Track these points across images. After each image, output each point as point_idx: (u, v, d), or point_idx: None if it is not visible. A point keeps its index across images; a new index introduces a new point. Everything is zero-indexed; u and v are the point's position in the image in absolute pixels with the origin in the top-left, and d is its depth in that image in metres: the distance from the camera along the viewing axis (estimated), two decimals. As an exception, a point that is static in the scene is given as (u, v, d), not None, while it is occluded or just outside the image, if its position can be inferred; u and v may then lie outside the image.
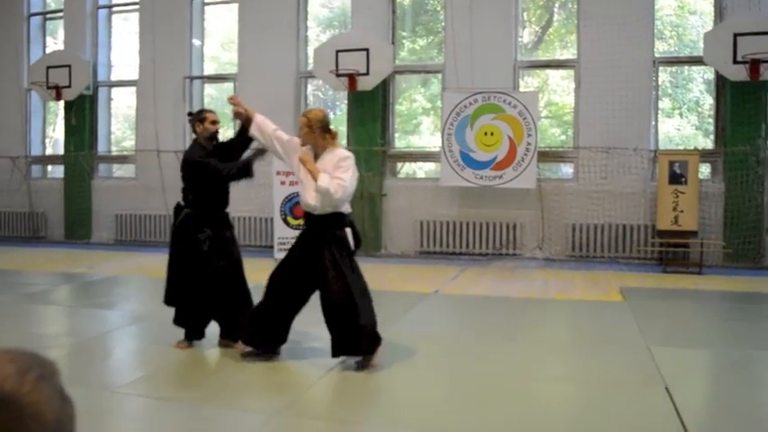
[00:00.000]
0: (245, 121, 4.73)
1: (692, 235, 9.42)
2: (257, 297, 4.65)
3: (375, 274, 8.83)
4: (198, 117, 4.83)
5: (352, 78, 10.44)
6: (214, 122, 4.80)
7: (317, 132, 4.36)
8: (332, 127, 4.46)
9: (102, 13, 12.96)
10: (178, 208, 4.83)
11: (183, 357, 4.67)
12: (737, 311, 6.58)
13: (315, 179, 4.25)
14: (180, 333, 4.91)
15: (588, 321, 6.06)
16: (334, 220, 4.39)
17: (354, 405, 3.81)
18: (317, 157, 4.40)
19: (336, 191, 4.24)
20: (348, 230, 4.45)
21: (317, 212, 4.37)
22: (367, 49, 10.45)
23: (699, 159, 9.48)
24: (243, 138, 4.76)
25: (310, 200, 4.35)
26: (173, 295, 4.81)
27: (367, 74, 10.42)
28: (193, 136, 4.89)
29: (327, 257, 4.30)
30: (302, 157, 4.32)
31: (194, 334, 4.85)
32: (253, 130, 4.61)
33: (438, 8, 11.48)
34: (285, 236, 9.84)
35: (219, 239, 4.72)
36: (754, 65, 9.02)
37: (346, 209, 4.45)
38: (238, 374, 4.34)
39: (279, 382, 4.14)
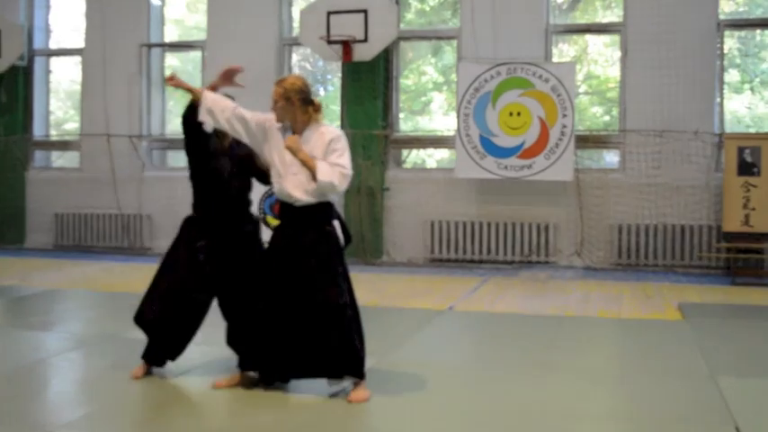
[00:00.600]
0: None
1: (767, 238, 9.37)
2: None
3: (374, 286, 8.80)
4: None
5: (347, 46, 10.41)
6: None
7: (296, 105, 4.32)
8: (314, 98, 4.42)
9: (40, -35, 12.95)
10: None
11: (138, 390, 4.63)
12: (823, 333, 6.52)
13: (312, 171, 4.20)
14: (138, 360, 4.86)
15: (639, 345, 6.02)
16: (321, 212, 4.36)
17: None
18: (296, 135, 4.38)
19: (341, 182, 4.25)
20: (337, 224, 4.41)
21: (299, 204, 4.33)
22: (365, 11, 10.41)
23: (774, 145, 9.43)
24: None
25: (296, 191, 4.31)
26: (144, 310, 4.79)
27: (365, 41, 10.38)
28: None
29: (314, 259, 4.27)
30: (290, 144, 4.26)
31: (156, 357, 4.82)
32: (202, 116, 4.47)
33: (452, -41, 11.44)
34: (265, 240, 9.80)
35: (221, 251, 4.73)
36: (843, 28, 8.98)
37: (333, 197, 4.43)
38: (206, 412, 4.29)
39: (253, 424, 4.09)
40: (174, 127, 12.11)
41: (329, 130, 4.36)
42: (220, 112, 4.45)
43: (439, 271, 10.34)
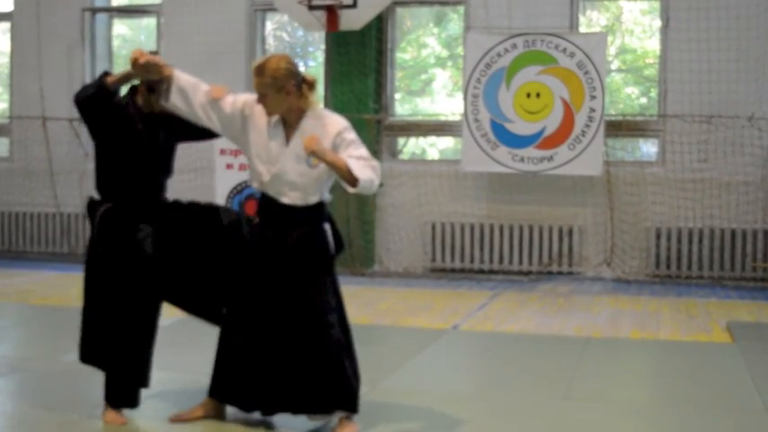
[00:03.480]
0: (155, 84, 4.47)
1: (833, 245, 9.42)
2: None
3: (365, 300, 8.82)
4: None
5: (331, 12, 10.41)
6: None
7: (292, 92, 4.26)
8: (306, 74, 4.37)
9: None
10: (93, 204, 4.75)
11: (79, 427, 4.63)
12: None
13: (345, 172, 4.15)
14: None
15: (680, 372, 6.05)
16: (314, 212, 4.39)
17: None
18: (289, 128, 4.32)
19: (378, 178, 4.28)
20: (327, 227, 4.44)
21: (298, 204, 4.35)
22: (354, -31, 10.43)
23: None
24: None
25: (296, 194, 4.31)
26: (94, 344, 4.70)
27: (354, 6, 10.39)
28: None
29: (297, 265, 4.30)
30: (315, 148, 4.10)
31: (128, 397, 4.75)
32: (174, 97, 4.37)
33: None
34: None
35: (165, 239, 4.64)
36: None
37: (327, 195, 4.46)
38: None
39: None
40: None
41: (333, 121, 4.33)
42: (194, 94, 4.37)
43: (441, 283, 10.35)
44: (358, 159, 4.21)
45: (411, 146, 11.85)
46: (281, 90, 4.22)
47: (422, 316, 8.10)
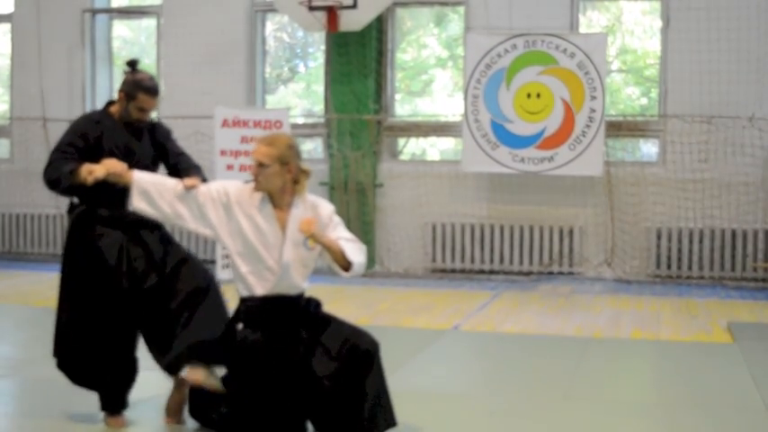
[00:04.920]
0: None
1: (834, 246, 9.42)
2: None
3: (365, 301, 8.81)
4: (129, 88, 4.63)
5: (332, 13, 10.42)
6: (142, 110, 4.69)
7: (293, 172, 4.17)
8: (303, 164, 4.32)
9: None
10: (72, 207, 4.75)
11: (80, 427, 4.63)
12: None
13: (339, 255, 4.13)
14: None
15: (680, 373, 6.06)
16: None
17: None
18: (279, 211, 4.20)
19: (365, 259, 4.29)
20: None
21: (303, 292, 4.29)
22: (354, -30, 10.44)
23: (844, 134, 9.48)
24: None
25: (303, 280, 4.25)
26: (66, 343, 4.72)
27: (354, 6, 10.39)
28: (110, 100, 4.82)
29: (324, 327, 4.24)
30: (315, 232, 4.07)
31: (112, 401, 4.73)
32: (136, 202, 4.24)
33: None
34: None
35: (135, 247, 4.62)
36: None
37: None
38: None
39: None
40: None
41: (323, 203, 4.30)
42: (158, 193, 4.23)
43: (442, 283, 10.36)
44: (348, 241, 4.20)
45: (411, 146, 11.85)
46: (285, 165, 4.11)
47: (422, 316, 8.10)
